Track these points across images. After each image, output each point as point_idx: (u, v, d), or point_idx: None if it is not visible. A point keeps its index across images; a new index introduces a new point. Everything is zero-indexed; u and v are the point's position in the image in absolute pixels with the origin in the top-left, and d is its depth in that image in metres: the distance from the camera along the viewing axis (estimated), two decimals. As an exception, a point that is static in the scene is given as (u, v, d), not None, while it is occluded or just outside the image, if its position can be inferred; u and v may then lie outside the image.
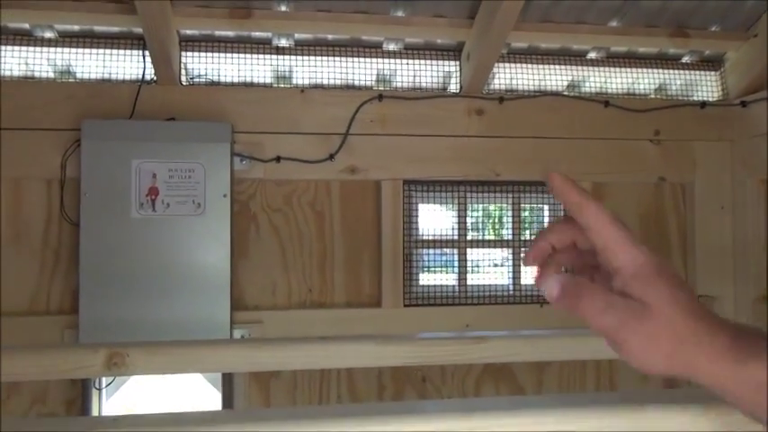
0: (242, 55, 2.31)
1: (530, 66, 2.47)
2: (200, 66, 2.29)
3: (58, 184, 2.10)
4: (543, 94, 2.42)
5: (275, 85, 2.34)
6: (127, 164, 2.01)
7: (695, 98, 2.54)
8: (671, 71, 2.55)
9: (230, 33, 2.25)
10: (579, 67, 2.49)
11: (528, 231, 2.40)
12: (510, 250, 2.38)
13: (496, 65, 2.37)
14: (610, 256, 0.58)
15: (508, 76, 2.45)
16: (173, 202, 2.01)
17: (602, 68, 2.51)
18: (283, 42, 2.32)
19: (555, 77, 2.49)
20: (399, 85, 2.41)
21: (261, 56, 2.32)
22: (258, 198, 2.23)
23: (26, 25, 2.17)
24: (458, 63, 2.41)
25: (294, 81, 2.35)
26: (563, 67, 2.49)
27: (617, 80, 2.52)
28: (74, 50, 2.22)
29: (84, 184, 1.99)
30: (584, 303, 0.56)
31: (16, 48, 2.20)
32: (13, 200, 2.11)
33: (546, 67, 2.48)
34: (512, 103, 2.36)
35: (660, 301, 0.54)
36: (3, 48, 2.19)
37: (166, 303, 2.01)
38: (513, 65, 2.46)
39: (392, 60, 2.39)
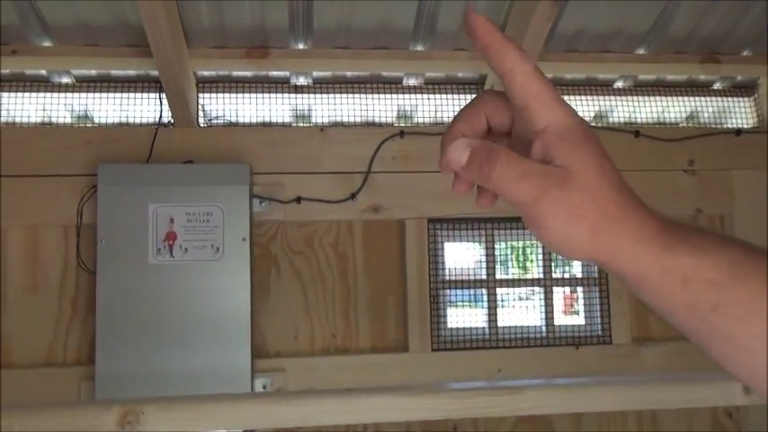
0: (260, 95, 2.27)
1: (555, 97, 2.39)
2: (218, 107, 2.25)
3: (74, 230, 2.06)
4: (570, 125, 2.34)
5: (294, 125, 2.29)
6: (144, 208, 1.96)
7: (729, 125, 2.44)
8: (702, 98, 2.46)
9: (248, 73, 2.22)
10: (606, 97, 2.42)
11: (559, 268, 2.30)
12: (541, 289, 2.28)
13: (520, 97, 2.30)
14: (532, 116, 0.47)
15: (533, 109, 2.37)
16: (191, 246, 1.95)
17: (630, 97, 2.43)
18: (301, 81, 2.28)
19: (581, 108, 2.41)
20: (421, 120, 2.35)
21: (279, 95, 2.28)
22: (278, 240, 2.16)
23: (43, 72, 2.15)
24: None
25: (313, 119, 2.30)
26: (589, 97, 2.41)
27: (646, 109, 2.44)
28: (91, 95, 2.20)
29: (101, 230, 1.94)
30: (498, 170, 0.46)
31: (33, 94, 2.19)
32: (29, 247, 2.07)
33: (571, 97, 2.41)
34: (538, 136, 2.28)
35: (587, 168, 0.46)
36: (20, 94, 2.18)
37: (185, 352, 1.93)
38: (537, 97, 2.39)
39: (413, 95, 2.33)
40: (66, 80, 2.19)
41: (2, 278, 2.04)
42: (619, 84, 2.42)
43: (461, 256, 2.27)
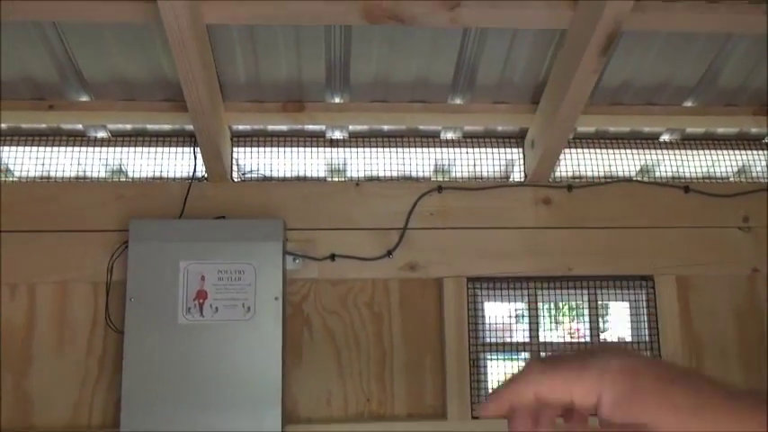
0: (294, 149, 2.23)
1: (598, 150, 2.31)
2: (252, 161, 2.21)
3: (104, 287, 2.01)
4: (614, 180, 2.25)
5: (329, 179, 2.24)
6: (175, 265, 1.90)
7: (783, 180, 2.32)
8: (753, 152, 2.35)
9: (283, 127, 2.19)
10: (652, 151, 2.32)
11: (608, 332, 2.17)
12: (588, 353, 2.14)
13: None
14: (578, 400, 0.51)
15: (575, 162, 2.30)
16: (221, 305, 1.88)
17: (677, 151, 2.33)
18: (337, 134, 2.24)
19: (625, 162, 2.32)
20: (458, 174, 2.28)
21: (314, 149, 2.24)
22: (312, 299, 2.08)
23: (80, 126, 2.15)
24: (520, 150, 2.27)
25: (348, 174, 2.25)
26: (634, 150, 2.32)
27: (694, 163, 2.34)
28: (126, 149, 2.19)
29: (131, 288, 1.89)
30: None
31: (69, 148, 2.18)
32: (58, 305, 2.02)
33: (615, 151, 2.32)
34: (581, 191, 2.19)
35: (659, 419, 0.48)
36: (56, 149, 2.17)
37: (213, 416, 1.84)
38: (579, 150, 2.31)
39: (451, 149, 2.27)
40: (101, 134, 2.18)
41: (29, 336, 1.99)
42: (665, 137, 2.33)
43: (502, 316, 2.16)
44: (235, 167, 2.19)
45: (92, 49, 1.87)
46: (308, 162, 2.23)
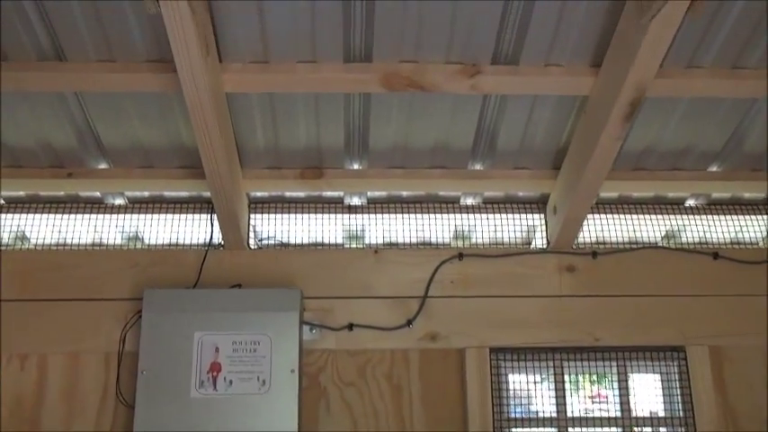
0: (312, 215, 2.20)
1: (621, 216, 2.26)
2: (269, 227, 2.18)
3: (115, 358, 1.96)
4: (640, 246, 2.19)
5: (347, 246, 2.20)
6: (188, 336, 1.85)
7: (816, 246, 2.25)
8: (782, 216, 2.29)
9: (301, 194, 2.16)
10: (677, 216, 2.27)
11: (640, 406, 2.07)
12: (619, 429, 2.04)
13: (585, 216, 2.18)
14: None
15: (598, 228, 2.25)
16: (236, 378, 1.82)
17: (702, 216, 2.28)
18: (355, 201, 2.21)
19: (650, 227, 2.26)
20: (479, 240, 2.23)
21: (332, 215, 2.21)
22: (329, 371, 2.01)
23: (97, 193, 2.14)
24: (542, 216, 2.23)
25: (367, 240, 2.21)
26: (659, 216, 2.27)
27: (721, 228, 2.27)
28: (143, 216, 2.17)
29: (143, 359, 1.83)
30: None
31: (86, 216, 2.16)
32: (68, 376, 1.97)
33: (640, 216, 2.27)
34: (606, 258, 2.13)
35: None
36: (74, 216, 2.16)
37: (225, 496, 1.75)
38: (603, 215, 2.26)
39: (471, 215, 2.23)
40: (119, 201, 2.17)
41: (38, 408, 1.93)
42: (690, 202, 2.28)
43: (527, 389, 2.07)
44: (251, 234, 2.16)
45: (111, 118, 1.87)
46: (325, 228, 2.20)
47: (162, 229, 2.18)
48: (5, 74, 1.68)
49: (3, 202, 2.16)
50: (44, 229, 2.15)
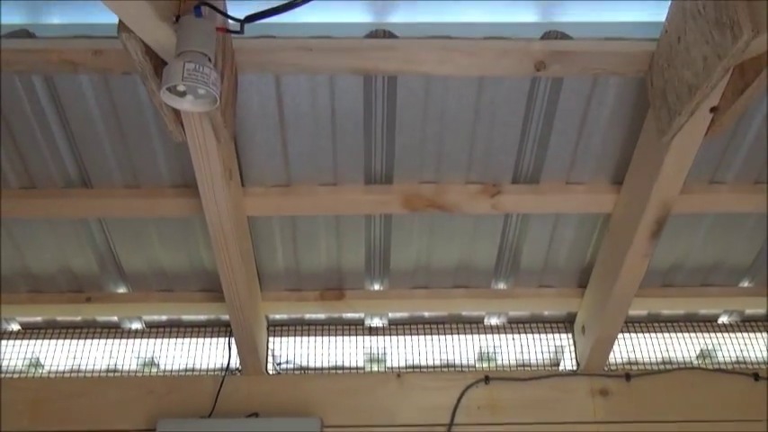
0: (332, 337, 2.15)
1: (652, 335, 2.18)
2: (288, 350, 2.13)
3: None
4: (675, 367, 2.09)
5: (368, 369, 2.12)
6: (202, 470, 1.75)
7: None
8: (822, 333, 2.19)
9: (321, 315, 2.12)
10: (710, 334, 2.18)
11: None
12: None
13: (614, 335, 2.10)
14: None
15: (629, 347, 2.16)
16: None
17: (737, 334, 2.19)
18: (376, 322, 2.16)
19: (683, 346, 2.17)
20: (505, 362, 2.14)
21: (352, 337, 2.15)
22: (350, 508, 1.88)
23: (115, 318, 2.11)
24: (570, 336, 2.15)
25: (388, 363, 2.13)
26: (691, 334, 2.18)
27: (758, 346, 2.18)
28: (159, 341, 2.13)
29: (153, 497, 1.72)
30: None
31: (102, 341, 2.13)
32: None
33: (671, 335, 2.18)
34: (641, 381, 2.03)
35: None
36: (89, 341, 2.13)
37: None
38: (632, 334, 2.18)
39: (495, 336, 2.17)
40: (136, 326, 2.14)
41: None
42: (724, 319, 2.20)
43: None
44: (270, 358, 2.10)
45: (133, 242, 1.88)
46: (346, 351, 2.14)
47: (179, 354, 2.13)
48: (32, 201, 1.71)
49: (19, 327, 2.14)
50: (59, 354, 2.11)
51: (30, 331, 2.12)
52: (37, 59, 1.39)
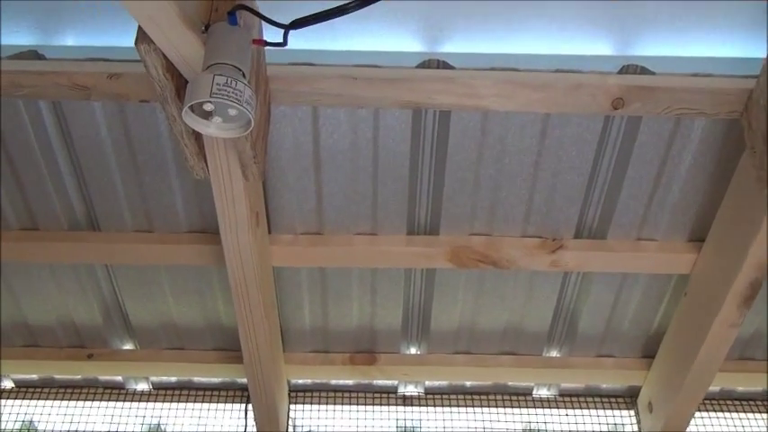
0: (361, 407, 1.94)
1: (725, 414, 1.93)
2: (311, 420, 1.91)
3: None
4: (755, 453, 1.83)
5: (401, 445, 1.89)
6: None
7: None
8: None
9: (349, 382, 1.90)
10: (791, 415, 1.93)
11: None
12: None
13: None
14: None
15: (699, 426, 1.91)
16: None
17: (823, 416, 1.93)
18: (411, 390, 1.94)
19: (756, 427, 1.91)
20: (554, 440, 1.90)
21: (384, 407, 1.93)
22: None
23: (119, 378, 1.91)
24: (632, 413, 1.91)
25: (423, 438, 1.90)
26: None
27: None
28: (167, 404, 1.93)
29: None
30: None
31: (105, 403, 1.93)
32: None
33: (746, 415, 1.93)
34: (716, 468, 1.77)
35: None
36: (90, 403, 1.93)
37: None
38: (701, 413, 1.93)
39: (545, 410, 1.95)
40: (142, 387, 1.95)
41: None
42: (809, 397, 1.94)
43: None
44: (291, 428, 1.88)
45: (143, 292, 1.71)
46: (376, 422, 1.93)
47: (188, 420, 1.93)
48: (33, 244, 1.55)
49: (12, 385, 1.94)
50: (55, 417, 1.92)
51: (24, 390, 1.95)
52: (45, 83, 1.23)
